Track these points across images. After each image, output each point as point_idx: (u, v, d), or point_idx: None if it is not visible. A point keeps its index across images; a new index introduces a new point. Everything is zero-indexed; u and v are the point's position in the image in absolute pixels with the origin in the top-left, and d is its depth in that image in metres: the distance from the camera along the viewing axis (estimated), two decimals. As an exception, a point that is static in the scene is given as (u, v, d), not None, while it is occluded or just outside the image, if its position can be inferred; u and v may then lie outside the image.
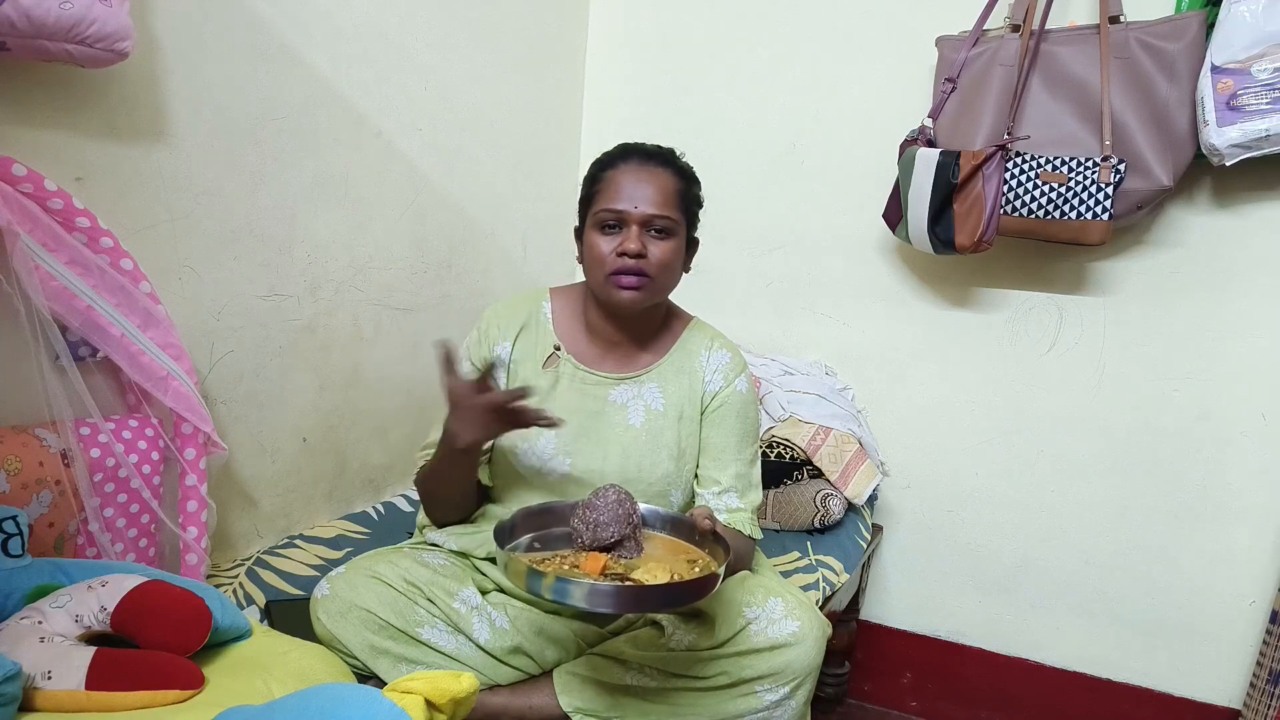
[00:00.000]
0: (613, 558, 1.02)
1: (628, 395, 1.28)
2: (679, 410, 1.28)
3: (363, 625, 1.14)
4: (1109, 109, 1.58)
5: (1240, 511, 1.75)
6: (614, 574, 0.98)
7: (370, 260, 1.66)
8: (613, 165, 1.22)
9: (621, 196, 1.19)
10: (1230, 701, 1.80)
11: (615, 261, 1.18)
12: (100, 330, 1.12)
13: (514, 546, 1.07)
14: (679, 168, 1.24)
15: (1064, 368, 1.86)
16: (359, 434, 1.70)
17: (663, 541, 1.10)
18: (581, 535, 1.04)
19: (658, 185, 1.19)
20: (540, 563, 1.00)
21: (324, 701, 0.75)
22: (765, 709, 1.12)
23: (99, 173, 1.17)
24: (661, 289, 1.24)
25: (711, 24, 2.10)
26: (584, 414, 1.27)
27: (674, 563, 1.02)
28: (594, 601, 0.91)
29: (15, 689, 0.77)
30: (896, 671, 2.09)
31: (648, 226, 1.19)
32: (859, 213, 1.97)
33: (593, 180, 1.24)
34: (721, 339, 1.35)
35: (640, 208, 1.18)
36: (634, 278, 1.18)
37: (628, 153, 1.23)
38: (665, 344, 1.32)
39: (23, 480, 1.03)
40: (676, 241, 1.22)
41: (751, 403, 1.33)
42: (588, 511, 1.04)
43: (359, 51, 1.55)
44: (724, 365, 1.31)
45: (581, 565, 0.99)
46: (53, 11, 0.94)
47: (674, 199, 1.21)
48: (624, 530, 1.03)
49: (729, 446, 1.29)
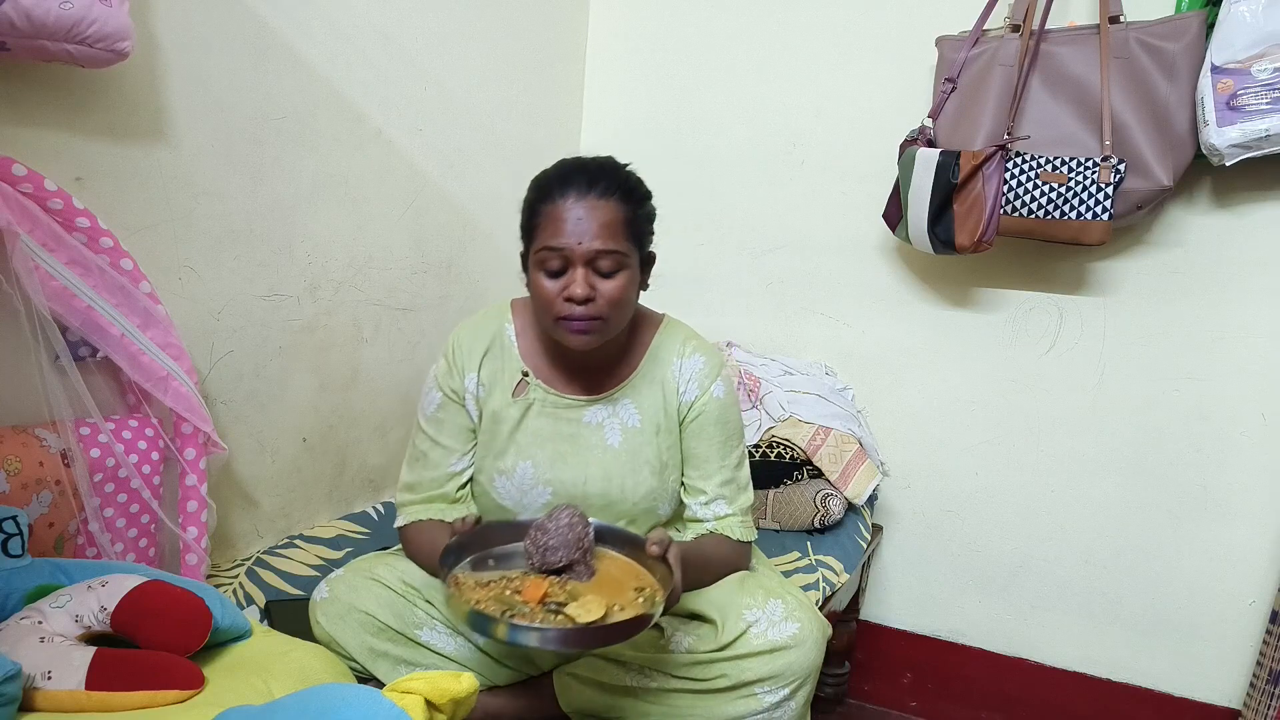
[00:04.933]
0: (561, 581, 1.00)
1: (602, 415, 1.23)
2: (655, 424, 1.23)
3: (361, 628, 1.14)
4: (1109, 109, 1.58)
5: (1240, 511, 1.74)
6: (554, 602, 0.96)
7: (370, 260, 1.66)
8: (550, 198, 1.11)
9: (563, 232, 1.08)
10: (1230, 701, 1.80)
11: (563, 306, 1.10)
12: (100, 330, 1.12)
13: (475, 560, 1.05)
14: (624, 191, 1.12)
15: (1064, 368, 1.86)
16: (359, 434, 1.70)
17: (618, 564, 1.07)
18: (532, 556, 1.02)
19: (601, 219, 1.09)
20: (485, 584, 0.99)
21: (324, 701, 0.75)
22: (765, 711, 1.11)
23: (99, 173, 1.17)
24: (616, 325, 1.15)
25: (711, 24, 2.10)
26: (559, 439, 1.22)
27: (620, 591, 1.00)
28: (514, 638, 0.89)
29: (15, 689, 0.77)
30: (896, 671, 2.09)
31: (593, 264, 1.10)
32: (859, 213, 1.97)
33: (531, 212, 1.14)
34: (695, 340, 1.27)
35: (584, 244, 1.08)
36: (584, 322, 1.10)
37: (566, 180, 1.11)
38: (636, 355, 1.25)
39: (23, 480, 1.03)
40: (628, 274, 1.12)
41: (731, 405, 1.26)
42: (539, 534, 1.02)
43: (359, 51, 1.55)
44: (698, 372, 1.24)
45: (523, 591, 0.97)
46: (53, 11, 0.94)
47: (620, 230, 1.11)
48: (573, 555, 1.01)
49: (712, 456, 1.24)
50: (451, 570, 1.00)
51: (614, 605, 0.96)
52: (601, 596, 0.97)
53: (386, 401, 1.75)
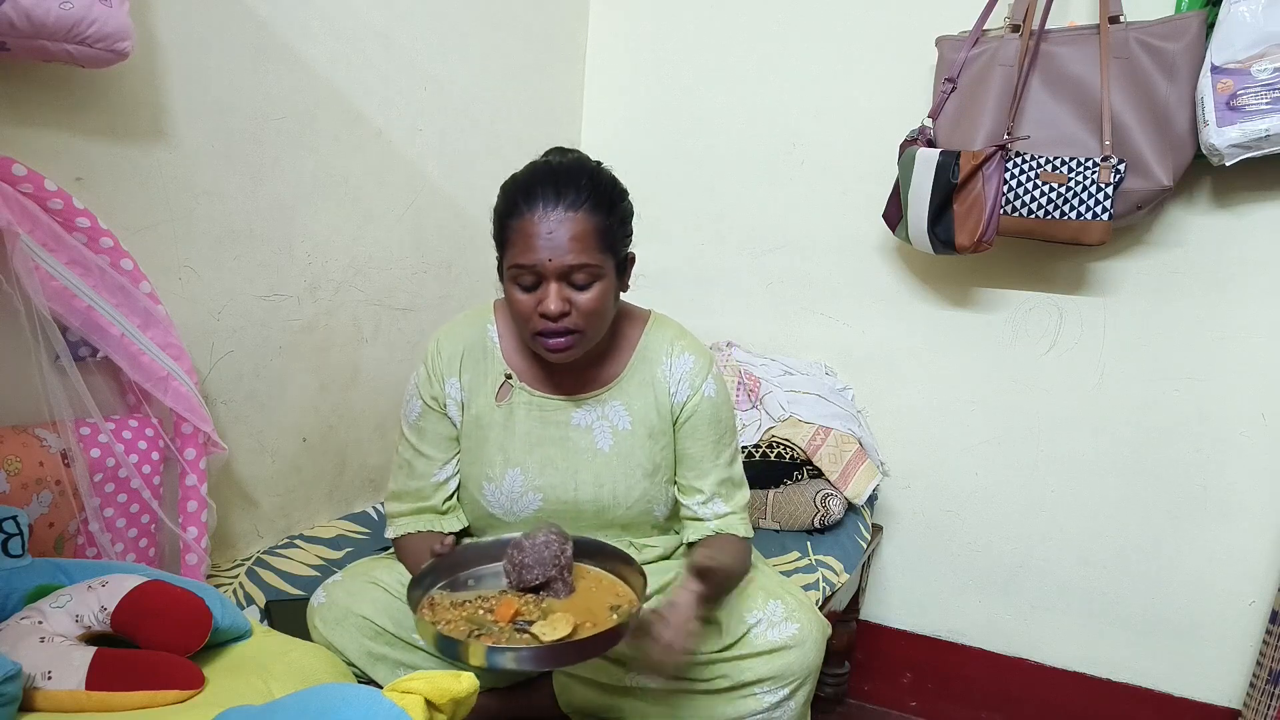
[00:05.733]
0: (537, 599, 1.01)
1: (591, 417, 1.20)
2: (648, 427, 1.21)
3: (359, 631, 1.14)
4: (1109, 109, 1.58)
5: (1240, 511, 1.74)
6: (523, 620, 0.96)
7: (370, 260, 1.66)
8: (518, 213, 1.08)
9: (534, 248, 1.06)
10: (1230, 701, 1.80)
11: (538, 321, 1.09)
12: (100, 330, 1.12)
13: (451, 582, 1.06)
14: (595, 199, 1.09)
15: (1064, 368, 1.86)
16: (359, 434, 1.70)
17: (599, 580, 1.07)
18: (510, 575, 1.04)
19: (571, 232, 1.06)
20: (460, 604, 1.00)
21: (324, 701, 0.75)
22: (765, 711, 1.12)
23: (99, 173, 1.17)
24: (594, 335, 1.13)
25: (711, 24, 2.10)
26: (547, 443, 1.20)
27: (595, 607, 1.00)
28: (489, 660, 0.89)
29: (15, 689, 0.77)
30: (896, 671, 2.09)
31: (567, 279, 1.08)
32: (859, 213, 1.97)
33: (501, 225, 1.12)
34: (684, 338, 1.25)
35: (555, 260, 1.06)
36: (560, 338, 1.09)
37: (532, 194, 1.08)
38: (624, 354, 1.22)
39: (23, 480, 1.03)
40: (603, 284, 1.10)
41: (723, 403, 1.24)
42: (516, 552, 1.03)
43: (359, 51, 1.55)
44: (688, 371, 1.21)
45: (495, 610, 0.98)
46: (53, 11, 0.94)
47: (593, 240, 1.08)
48: (549, 572, 1.01)
49: (706, 455, 1.22)
50: (424, 595, 1.01)
51: (585, 622, 0.95)
52: (572, 614, 0.97)
53: (386, 401, 1.75)
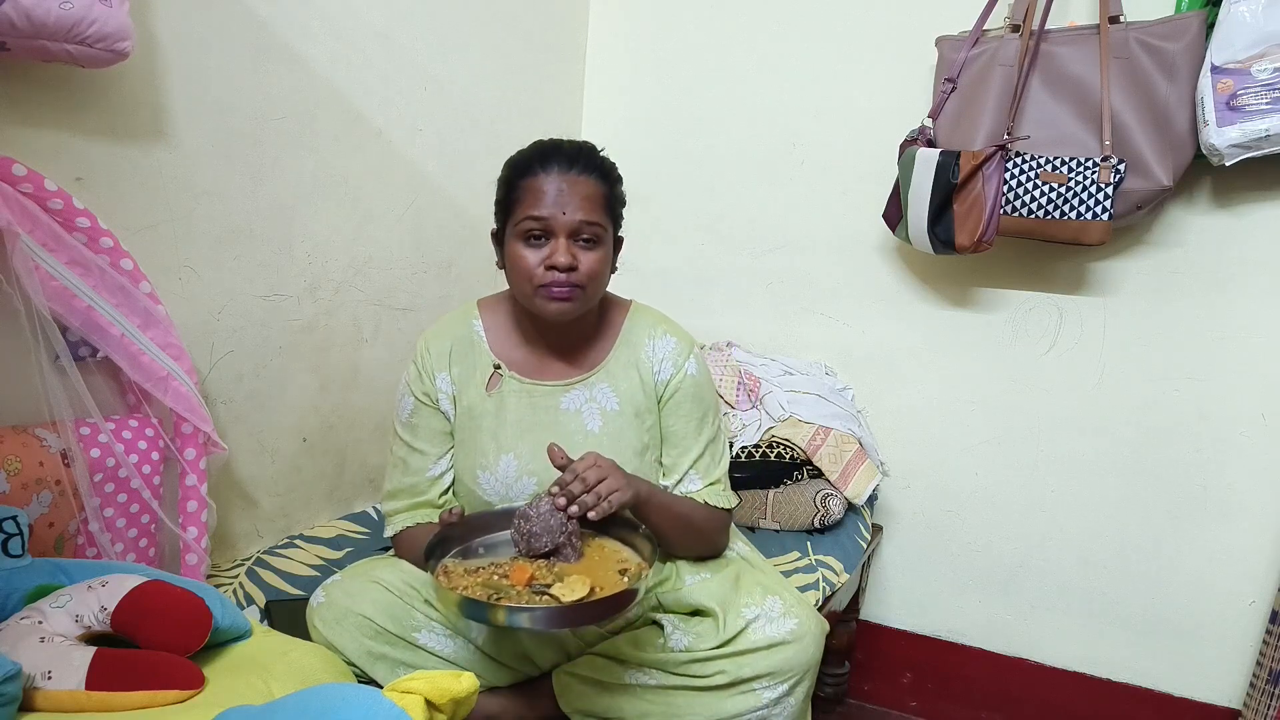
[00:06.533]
0: (549, 564, 1.03)
1: (580, 400, 1.25)
2: (635, 407, 1.26)
3: (359, 631, 1.14)
4: (1109, 109, 1.58)
5: (1240, 511, 1.74)
6: (540, 584, 0.99)
7: (370, 260, 1.66)
8: (532, 172, 1.15)
9: (547, 203, 1.13)
10: (1230, 701, 1.80)
11: (544, 274, 1.14)
12: (100, 330, 1.12)
13: (463, 550, 1.09)
14: (603, 171, 1.18)
15: (1064, 368, 1.86)
16: (359, 434, 1.70)
17: (604, 546, 1.11)
18: (519, 544, 1.06)
19: (583, 193, 1.14)
20: (474, 570, 1.02)
21: (324, 701, 0.75)
22: (764, 707, 1.12)
23: (99, 173, 1.17)
24: (592, 297, 1.19)
25: (711, 24, 2.10)
26: (539, 429, 1.23)
27: (604, 571, 1.03)
28: (510, 621, 0.92)
29: (15, 689, 0.77)
30: (896, 671, 2.09)
31: (576, 235, 1.14)
32: (859, 213, 1.97)
33: (510, 185, 1.18)
34: (665, 323, 1.31)
35: (568, 215, 1.13)
36: (565, 289, 1.14)
37: (548, 156, 1.15)
38: (608, 338, 1.28)
39: (23, 480, 1.03)
40: (604, 249, 1.18)
41: (704, 382, 1.30)
42: (523, 522, 1.05)
43: (359, 51, 1.55)
44: (670, 351, 1.27)
45: (510, 575, 1.01)
46: (53, 11, 0.94)
47: (600, 205, 1.16)
48: (557, 539, 1.04)
49: (689, 432, 1.27)
50: (439, 562, 1.03)
51: (598, 586, 0.98)
52: (586, 576, 1.00)
53: (386, 401, 1.74)
